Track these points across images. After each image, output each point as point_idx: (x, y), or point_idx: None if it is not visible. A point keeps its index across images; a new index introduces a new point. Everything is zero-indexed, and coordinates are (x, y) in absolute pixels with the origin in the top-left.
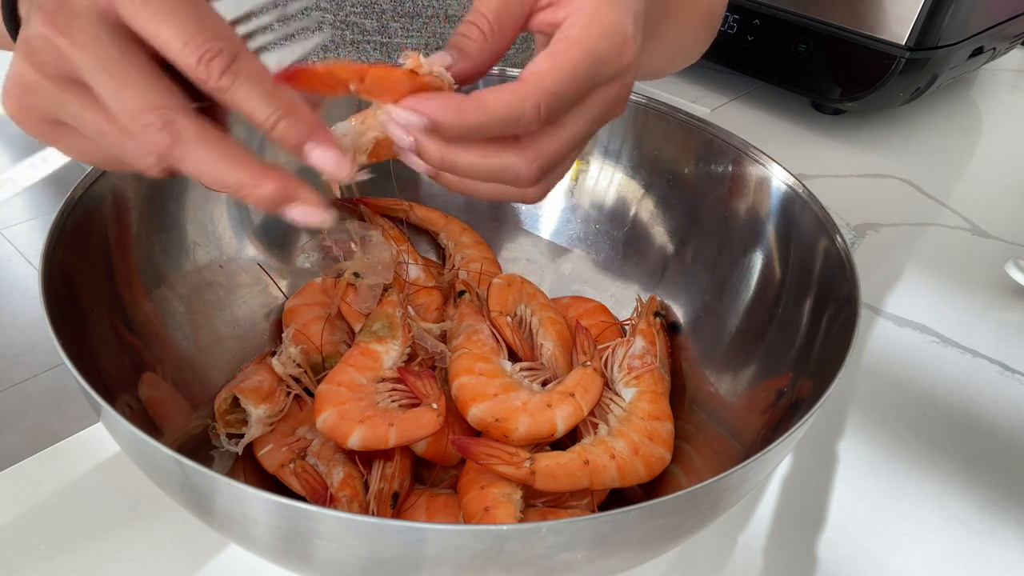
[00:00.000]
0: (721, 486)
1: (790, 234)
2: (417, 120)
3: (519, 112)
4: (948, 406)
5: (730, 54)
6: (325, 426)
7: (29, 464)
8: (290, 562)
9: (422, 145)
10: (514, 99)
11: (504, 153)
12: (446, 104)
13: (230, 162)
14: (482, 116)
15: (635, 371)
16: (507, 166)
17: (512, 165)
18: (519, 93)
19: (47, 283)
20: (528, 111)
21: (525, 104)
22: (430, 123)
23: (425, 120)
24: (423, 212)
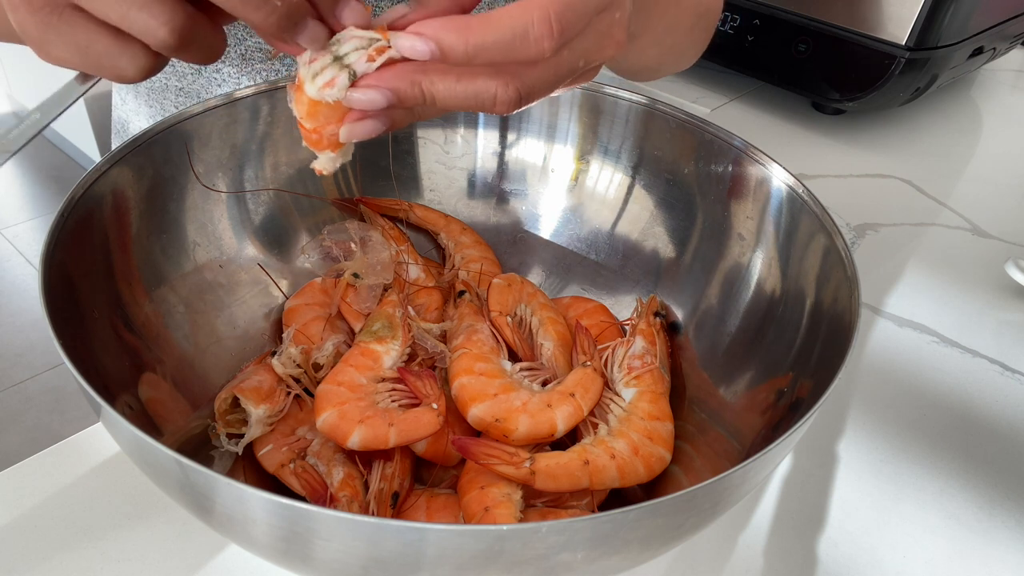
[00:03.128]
0: (721, 486)
1: (790, 234)
2: (424, 47)
3: (527, 27)
4: (948, 406)
5: (730, 54)
6: (325, 426)
7: (29, 464)
8: (290, 562)
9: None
10: (522, 13)
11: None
12: (451, 23)
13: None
14: (490, 32)
15: (635, 371)
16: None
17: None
18: (527, 5)
19: (47, 283)
20: (538, 24)
21: (534, 15)
22: (437, 49)
23: (433, 47)
24: (423, 212)
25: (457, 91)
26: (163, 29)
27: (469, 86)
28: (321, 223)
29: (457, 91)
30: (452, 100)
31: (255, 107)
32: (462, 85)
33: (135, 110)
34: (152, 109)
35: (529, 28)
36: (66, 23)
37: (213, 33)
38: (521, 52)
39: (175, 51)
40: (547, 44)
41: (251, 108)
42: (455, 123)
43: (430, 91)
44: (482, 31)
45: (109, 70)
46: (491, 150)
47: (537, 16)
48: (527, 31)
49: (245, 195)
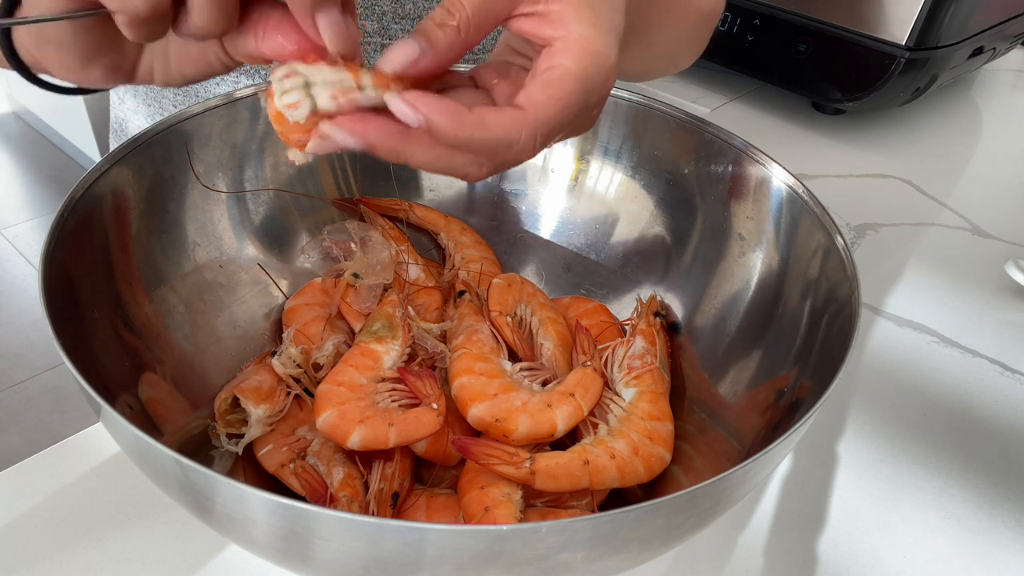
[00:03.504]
0: (721, 486)
1: (790, 234)
2: (413, 116)
3: (515, 139)
4: (948, 406)
5: (730, 54)
6: (325, 426)
7: (29, 464)
8: (290, 562)
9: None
10: (513, 126)
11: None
12: (447, 111)
13: None
14: (479, 133)
15: (635, 371)
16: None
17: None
18: (518, 121)
19: (47, 283)
20: (525, 139)
21: (523, 132)
22: (425, 122)
23: (421, 119)
24: (423, 212)
25: (434, 165)
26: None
27: (445, 163)
28: (321, 223)
29: (434, 165)
30: (426, 169)
31: (255, 107)
32: (439, 162)
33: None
34: (151, 108)
35: (515, 141)
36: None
37: None
38: (502, 155)
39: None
40: (526, 156)
41: (251, 108)
42: None
43: (407, 159)
44: (472, 129)
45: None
46: None
47: (526, 133)
48: (512, 143)
49: (245, 195)
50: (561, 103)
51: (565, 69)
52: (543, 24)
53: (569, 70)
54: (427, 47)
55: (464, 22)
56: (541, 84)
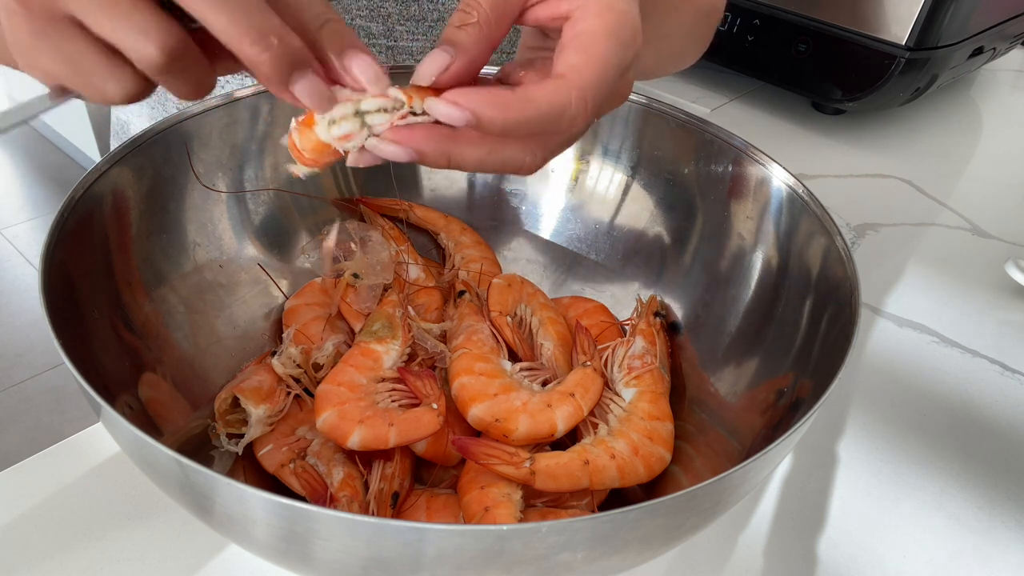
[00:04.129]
0: (721, 486)
1: (790, 234)
2: (459, 113)
3: (564, 106)
4: (948, 406)
5: (730, 54)
6: (325, 426)
7: (29, 464)
8: (290, 562)
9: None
10: (560, 93)
11: (510, 145)
12: (491, 97)
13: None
14: (528, 111)
15: (635, 371)
16: (513, 157)
17: (517, 156)
18: (563, 87)
19: (47, 283)
20: (576, 104)
21: (572, 96)
22: (473, 119)
23: (469, 116)
24: (423, 212)
25: (486, 161)
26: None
27: (498, 157)
28: (321, 223)
29: (486, 161)
30: (478, 168)
31: (255, 107)
32: (492, 156)
33: (136, 111)
34: (153, 110)
35: (567, 108)
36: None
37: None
38: (557, 128)
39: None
40: (582, 122)
41: (251, 108)
42: None
43: (458, 160)
44: (520, 109)
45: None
46: None
47: (575, 96)
48: (564, 111)
49: (245, 195)
50: (601, 60)
51: (593, 29)
52: (557, 4)
53: (597, 29)
54: (453, 51)
55: (484, 17)
56: (575, 48)
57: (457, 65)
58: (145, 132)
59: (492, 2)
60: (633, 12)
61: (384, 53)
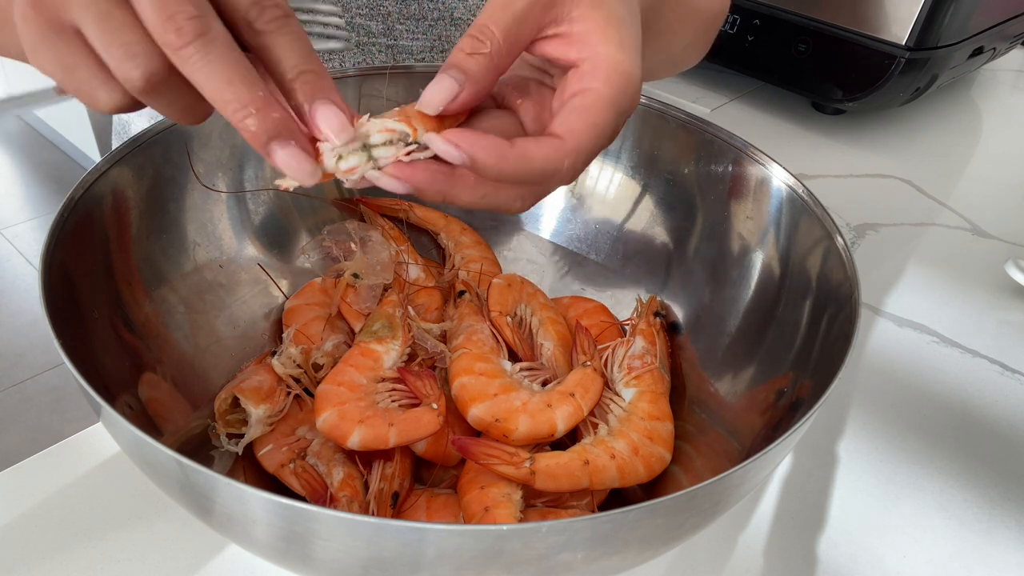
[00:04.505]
0: (721, 486)
1: (790, 234)
2: (457, 154)
3: (557, 168)
4: (948, 406)
5: (730, 54)
6: (325, 426)
7: (29, 464)
8: (290, 562)
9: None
10: (556, 156)
11: (502, 191)
12: (490, 147)
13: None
14: (523, 167)
15: (635, 371)
16: (504, 201)
17: (508, 201)
18: (560, 151)
19: (47, 283)
20: (566, 168)
21: (565, 161)
22: (469, 160)
23: (465, 156)
24: (423, 212)
25: (479, 203)
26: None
27: (491, 201)
28: (321, 223)
29: (479, 203)
30: (472, 206)
31: None
32: (487, 199)
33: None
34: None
35: (558, 171)
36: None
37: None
38: (543, 185)
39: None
40: (570, 178)
41: None
42: None
43: (454, 198)
44: (516, 163)
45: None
46: None
47: (569, 161)
48: (556, 172)
49: (245, 195)
50: (598, 128)
51: (597, 94)
52: (568, 46)
53: (601, 94)
54: (463, 79)
55: (496, 48)
56: (577, 112)
57: (465, 95)
58: (145, 132)
59: (505, 33)
60: (637, 75)
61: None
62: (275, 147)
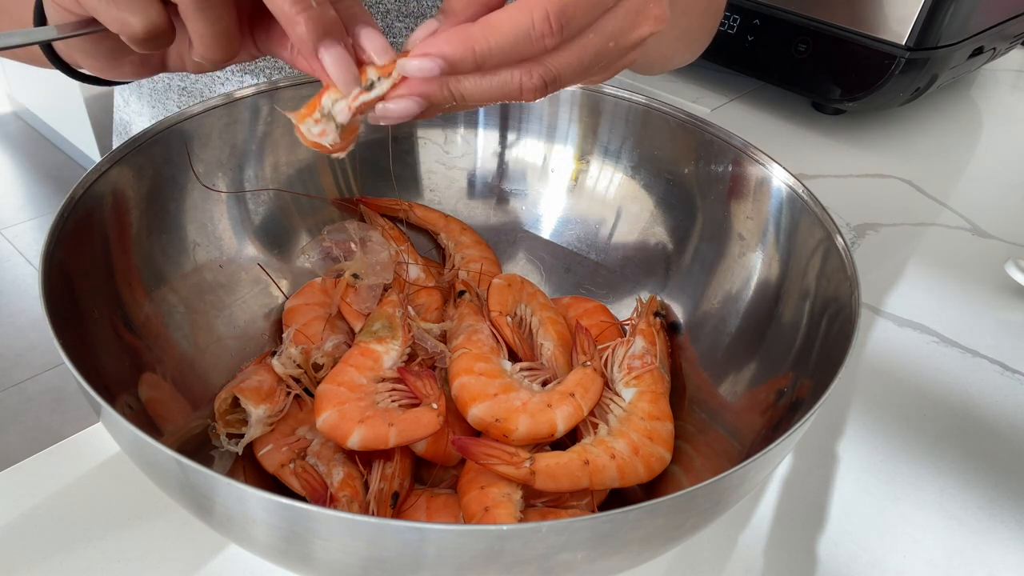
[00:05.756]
0: (721, 486)
1: (790, 234)
2: (429, 63)
3: (529, 25)
4: (948, 406)
5: (730, 54)
6: (325, 426)
7: (29, 464)
8: (290, 562)
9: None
10: (523, 12)
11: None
12: (453, 37)
13: None
14: (493, 37)
15: (635, 371)
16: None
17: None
18: (526, 5)
19: (47, 283)
20: (538, 23)
21: (535, 15)
22: (445, 64)
23: (440, 62)
24: (423, 212)
25: (483, 85)
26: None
27: (494, 79)
28: (321, 223)
29: (483, 85)
30: (480, 94)
31: (255, 107)
32: (487, 79)
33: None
34: (155, 110)
35: (530, 28)
36: None
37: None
38: (526, 51)
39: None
40: (549, 41)
41: (251, 108)
42: (455, 123)
43: (458, 90)
44: (484, 37)
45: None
46: (491, 150)
47: (537, 15)
48: (528, 31)
49: (245, 195)
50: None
51: None
52: None
53: None
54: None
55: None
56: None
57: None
58: (145, 132)
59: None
60: None
61: None
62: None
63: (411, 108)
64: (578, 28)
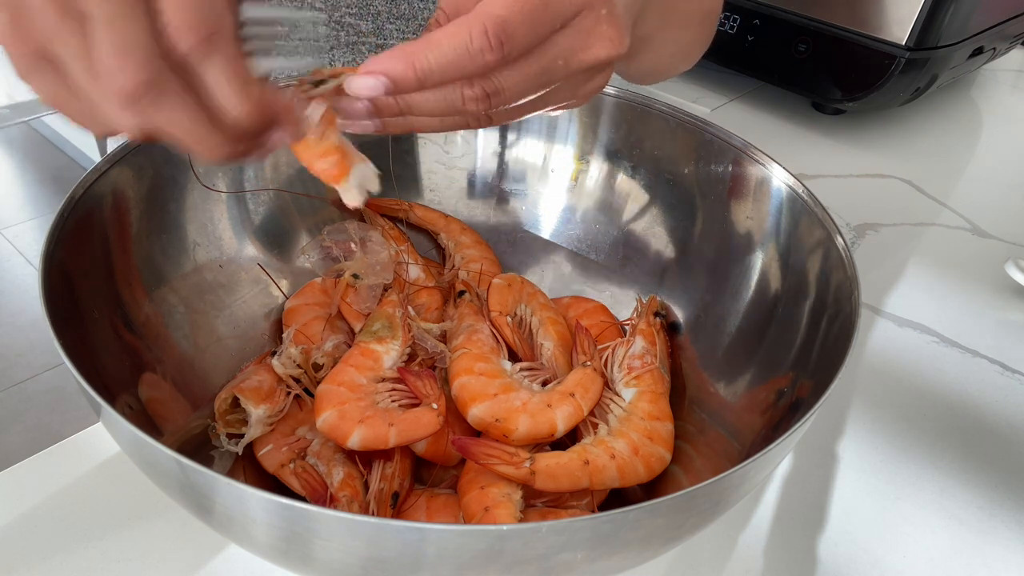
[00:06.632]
0: (721, 486)
1: (790, 234)
2: (375, 82)
3: (467, 41)
4: (948, 406)
5: (730, 54)
6: (325, 426)
7: (29, 464)
8: (290, 562)
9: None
10: (461, 29)
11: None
12: (396, 55)
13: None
14: (433, 54)
15: (635, 371)
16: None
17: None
18: (465, 22)
19: (47, 283)
20: (476, 39)
21: (473, 31)
22: (389, 82)
23: (384, 80)
24: (423, 212)
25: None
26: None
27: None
28: (321, 223)
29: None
30: (427, 105)
31: None
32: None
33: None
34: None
35: (468, 44)
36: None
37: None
38: (467, 68)
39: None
40: (490, 57)
41: None
42: None
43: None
44: (425, 54)
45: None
46: (491, 150)
47: (475, 31)
48: (467, 46)
49: (245, 195)
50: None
51: None
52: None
53: None
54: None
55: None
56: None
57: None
58: None
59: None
60: None
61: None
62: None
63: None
64: (521, 46)
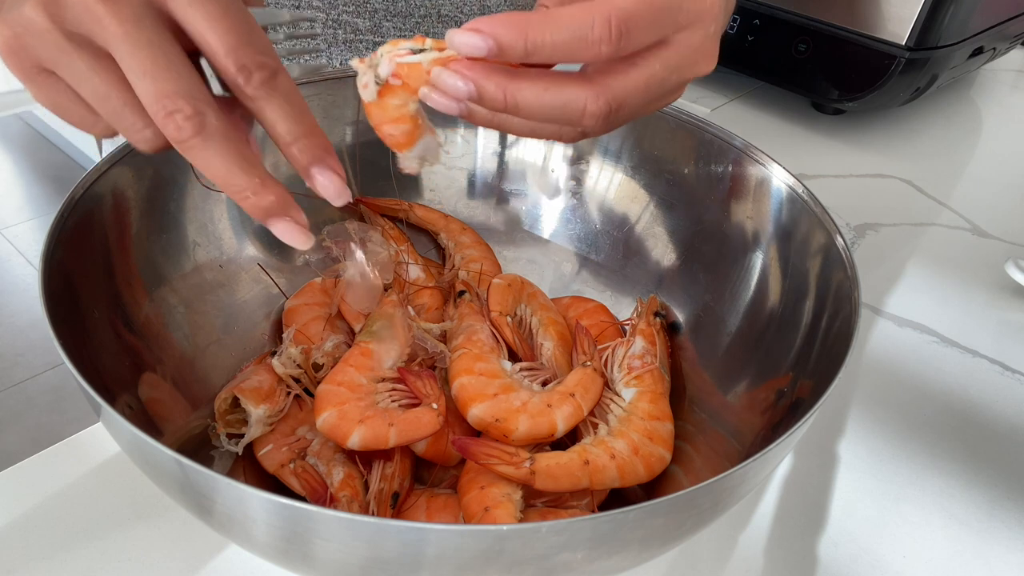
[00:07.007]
0: (721, 486)
1: (790, 234)
2: (481, 42)
3: (589, 26)
4: (948, 406)
5: (730, 54)
6: (325, 426)
7: (29, 464)
8: (290, 562)
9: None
10: (585, 13)
11: (570, 86)
12: (508, 21)
13: (241, 166)
14: (550, 31)
15: (635, 371)
16: (572, 100)
17: (577, 99)
18: (589, 8)
19: (47, 283)
20: (598, 26)
21: (596, 18)
22: (495, 45)
23: (491, 43)
24: (423, 212)
25: (544, 99)
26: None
27: (558, 95)
28: (321, 223)
29: (544, 99)
30: (537, 110)
31: None
32: (550, 94)
33: None
34: None
35: (588, 30)
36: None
37: None
38: (579, 53)
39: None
40: (605, 48)
41: None
42: (455, 123)
43: (514, 98)
44: (542, 29)
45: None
46: (491, 150)
47: (599, 19)
48: (587, 33)
49: None
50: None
51: None
52: None
53: None
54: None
55: None
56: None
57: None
58: None
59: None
60: None
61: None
62: (272, 222)
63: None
64: (636, 44)
